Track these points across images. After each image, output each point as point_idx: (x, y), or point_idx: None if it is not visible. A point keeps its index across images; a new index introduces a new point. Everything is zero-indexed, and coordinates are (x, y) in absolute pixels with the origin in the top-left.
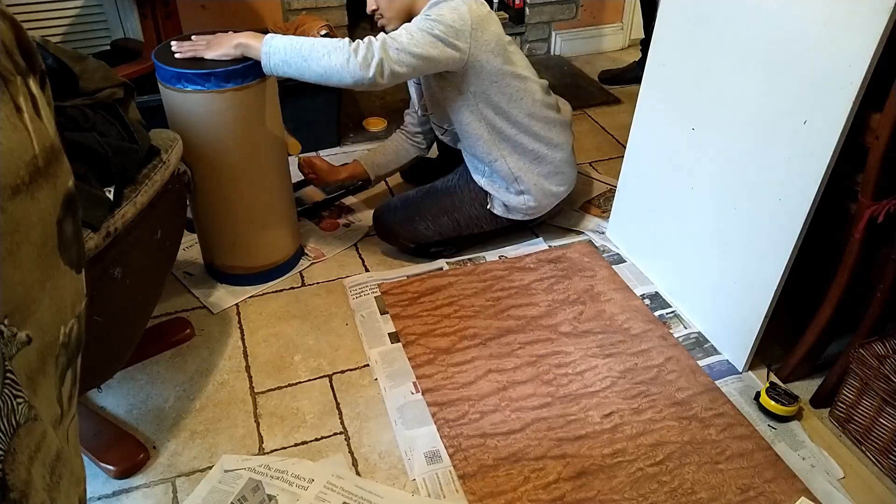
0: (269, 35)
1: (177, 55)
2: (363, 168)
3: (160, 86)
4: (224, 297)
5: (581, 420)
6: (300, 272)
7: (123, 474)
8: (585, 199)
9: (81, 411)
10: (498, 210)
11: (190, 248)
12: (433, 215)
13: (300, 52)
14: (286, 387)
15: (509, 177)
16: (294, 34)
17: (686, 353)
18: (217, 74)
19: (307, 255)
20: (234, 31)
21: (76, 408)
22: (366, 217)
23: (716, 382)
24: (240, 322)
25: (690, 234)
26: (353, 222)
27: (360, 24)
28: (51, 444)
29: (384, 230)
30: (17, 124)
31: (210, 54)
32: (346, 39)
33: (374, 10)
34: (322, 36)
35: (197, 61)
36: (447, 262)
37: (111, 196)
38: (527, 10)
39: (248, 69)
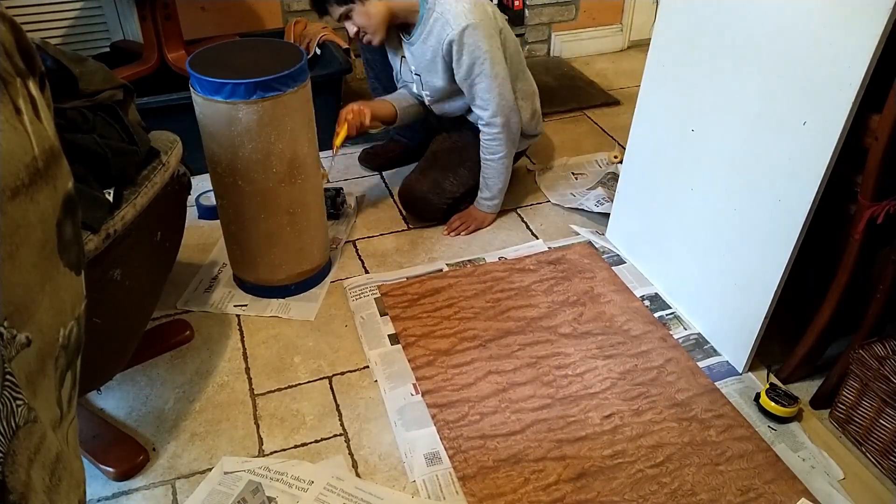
0: (486, 205)
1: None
2: (393, 108)
3: (194, 96)
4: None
5: (581, 421)
6: None
7: (123, 476)
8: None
9: (81, 413)
10: None
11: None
12: (452, 169)
13: (500, 186)
14: (286, 388)
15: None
16: (295, 39)
17: (686, 355)
18: (259, 84)
19: None
20: (239, 37)
21: (76, 410)
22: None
23: (716, 384)
24: (239, 324)
25: (690, 235)
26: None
27: None
28: (50, 446)
29: (416, 201)
30: (17, 126)
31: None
32: (499, 147)
33: (356, 33)
34: (319, 44)
35: (232, 70)
36: (447, 264)
37: (111, 198)
38: (526, 11)
39: (281, 79)
